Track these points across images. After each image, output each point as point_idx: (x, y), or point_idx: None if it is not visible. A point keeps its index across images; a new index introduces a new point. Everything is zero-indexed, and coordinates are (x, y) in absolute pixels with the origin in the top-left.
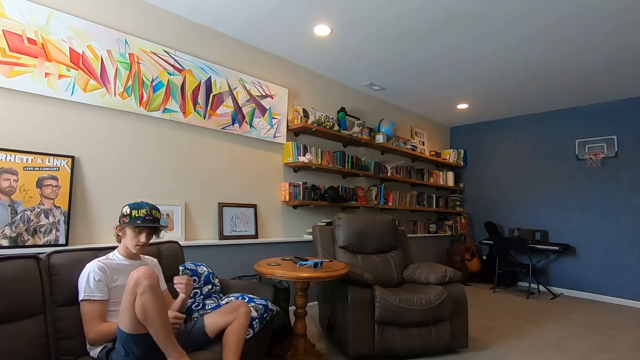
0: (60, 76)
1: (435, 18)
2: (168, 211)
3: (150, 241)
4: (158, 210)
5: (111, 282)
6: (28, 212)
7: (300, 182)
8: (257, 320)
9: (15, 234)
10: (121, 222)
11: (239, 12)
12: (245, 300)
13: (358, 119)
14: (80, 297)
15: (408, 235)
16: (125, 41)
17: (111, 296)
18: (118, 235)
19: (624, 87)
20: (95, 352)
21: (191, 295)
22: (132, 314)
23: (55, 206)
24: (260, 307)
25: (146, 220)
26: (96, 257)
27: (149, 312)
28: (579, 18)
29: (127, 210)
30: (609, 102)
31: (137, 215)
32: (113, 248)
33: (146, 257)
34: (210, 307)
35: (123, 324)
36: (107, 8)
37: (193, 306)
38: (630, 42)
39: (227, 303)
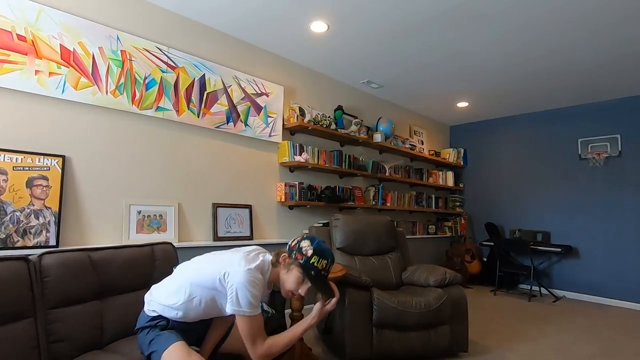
0: (50, 73)
1: (434, 12)
2: (161, 212)
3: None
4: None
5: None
6: (18, 213)
7: (297, 182)
8: None
9: (4, 235)
10: (293, 256)
11: (234, 8)
12: None
13: (355, 117)
14: (245, 313)
15: (407, 237)
16: (117, 38)
17: None
18: (279, 263)
19: (628, 85)
20: (148, 313)
21: None
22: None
23: (46, 207)
24: None
25: (321, 276)
26: (89, 257)
27: None
28: (581, 12)
29: (308, 249)
30: (612, 100)
31: (316, 265)
32: (107, 249)
33: None
34: None
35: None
36: (98, 4)
37: None
38: (635, 37)
39: None
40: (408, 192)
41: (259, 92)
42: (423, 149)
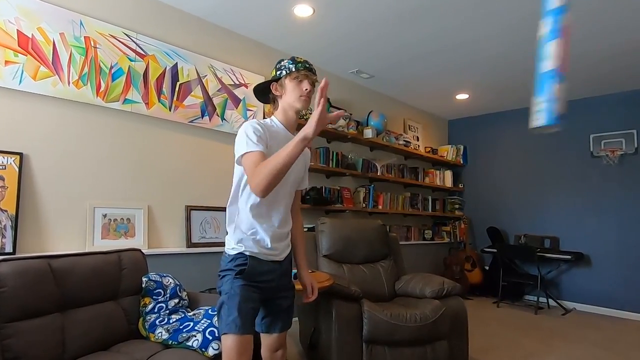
0: (6, 62)
1: None
2: (128, 215)
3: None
4: None
5: (269, 140)
6: None
7: None
8: None
9: None
10: (276, 74)
11: None
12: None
13: (344, 110)
14: (242, 153)
15: (401, 243)
16: (81, 23)
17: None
18: (274, 97)
19: None
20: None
21: (155, 310)
22: None
23: (1, 209)
24: None
25: (306, 67)
26: (49, 265)
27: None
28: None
29: (282, 64)
30: (627, 91)
31: (298, 60)
32: (69, 256)
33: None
34: (175, 320)
35: None
36: None
37: (157, 321)
38: None
39: (194, 314)
40: (402, 194)
41: (237, 82)
42: (418, 146)
